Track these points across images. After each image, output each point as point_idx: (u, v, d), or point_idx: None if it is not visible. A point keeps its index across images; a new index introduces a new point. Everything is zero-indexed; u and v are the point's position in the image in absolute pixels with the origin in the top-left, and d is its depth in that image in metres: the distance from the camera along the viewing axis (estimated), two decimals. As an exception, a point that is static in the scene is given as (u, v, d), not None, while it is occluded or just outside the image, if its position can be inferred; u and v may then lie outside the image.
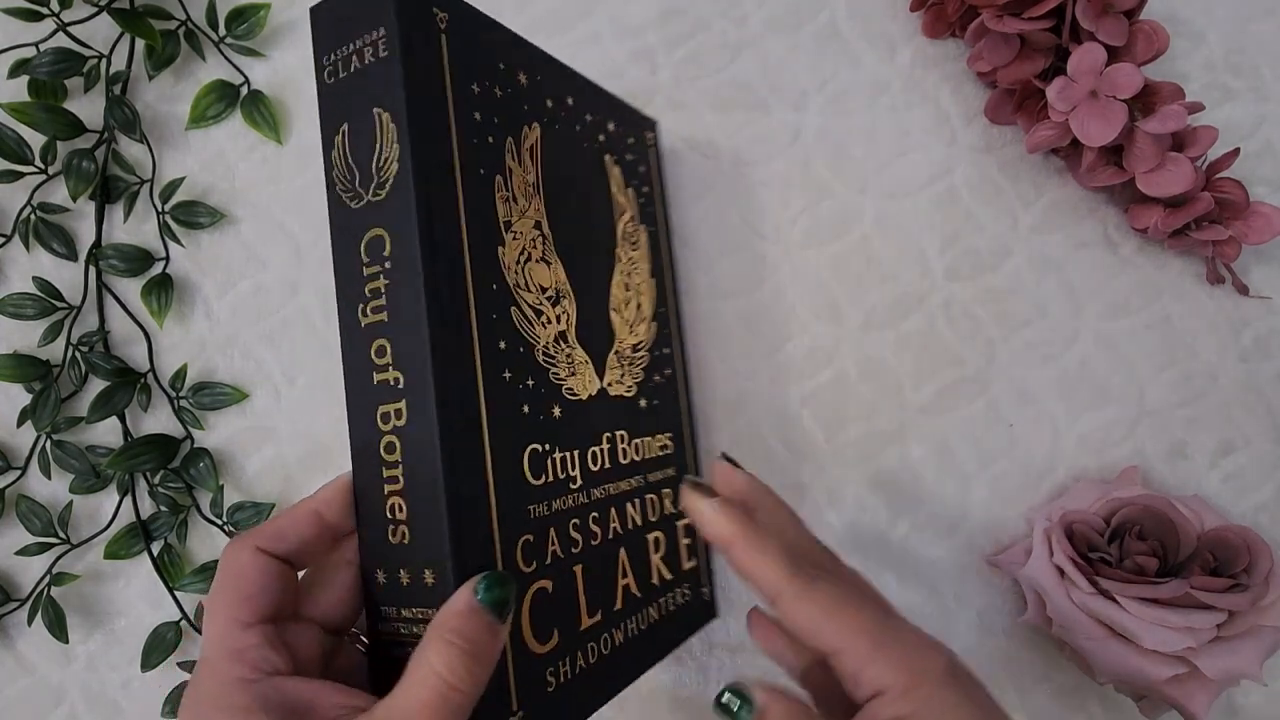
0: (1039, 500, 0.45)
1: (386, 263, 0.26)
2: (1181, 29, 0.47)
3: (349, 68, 0.27)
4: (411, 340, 0.26)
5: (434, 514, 0.25)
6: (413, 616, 0.26)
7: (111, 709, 0.44)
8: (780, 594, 0.25)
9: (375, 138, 0.26)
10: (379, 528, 0.26)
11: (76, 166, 0.43)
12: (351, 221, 0.27)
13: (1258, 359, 0.46)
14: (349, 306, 0.27)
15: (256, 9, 0.45)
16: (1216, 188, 0.43)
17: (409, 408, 0.26)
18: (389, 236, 0.26)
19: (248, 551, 0.26)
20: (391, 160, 0.26)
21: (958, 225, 0.46)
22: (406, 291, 0.26)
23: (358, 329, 0.27)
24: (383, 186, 0.26)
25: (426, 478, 0.26)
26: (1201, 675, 0.37)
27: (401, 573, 0.26)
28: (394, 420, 0.26)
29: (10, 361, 0.42)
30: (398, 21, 0.26)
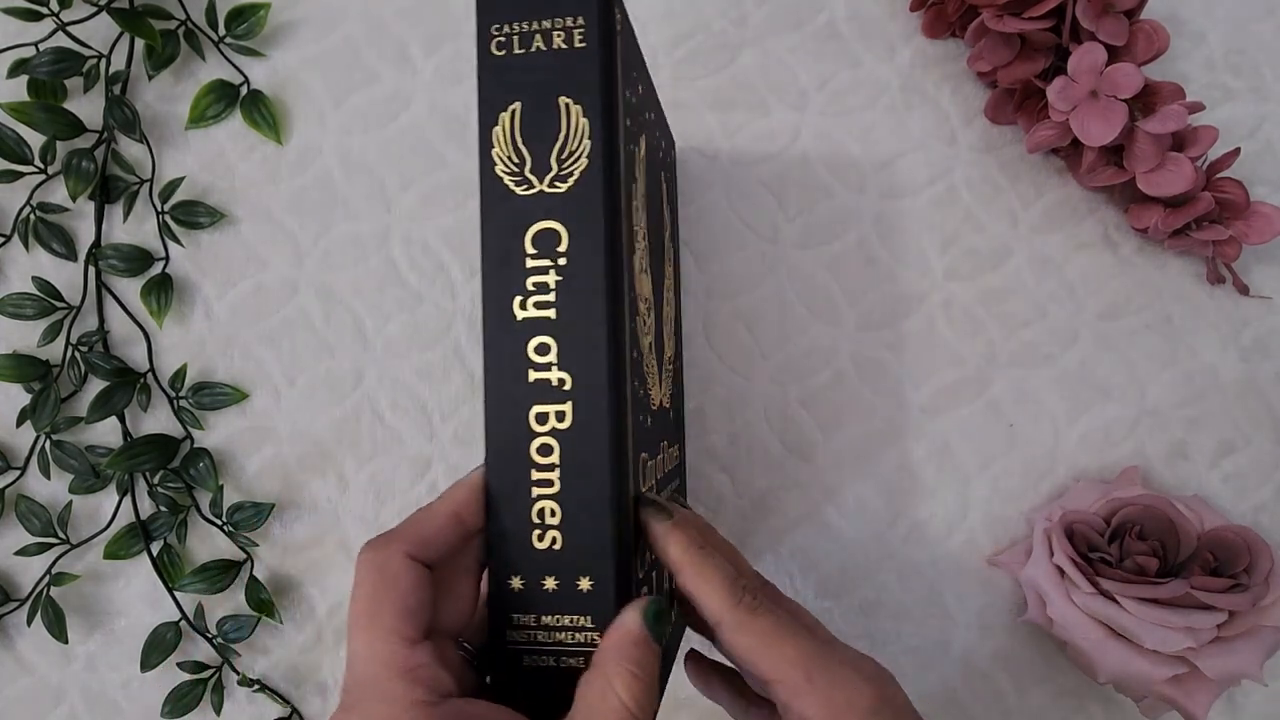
0: (1039, 500, 0.45)
1: (560, 259, 0.25)
2: (1182, 29, 0.47)
3: (528, 45, 0.26)
4: (585, 341, 0.25)
5: (597, 521, 0.25)
6: (555, 624, 0.26)
7: (111, 709, 0.44)
8: (721, 622, 0.25)
9: (560, 127, 0.25)
10: (521, 532, 0.25)
11: (76, 166, 0.43)
12: (516, 207, 0.26)
13: (1258, 359, 0.45)
14: (502, 296, 0.26)
15: (256, 9, 0.45)
16: (1217, 188, 0.43)
17: (575, 410, 0.25)
18: (566, 232, 0.25)
19: (399, 558, 0.25)
20: (580, 155, 0.25)
21: (958, 225, 0.46)
22: (585, 291, 0.25)
23: (511, 321, 0.26)
24: (564, 179, 0.25)
25: (590, 483, 0.25)
26: (1202, 675, 0.37)
27: (547, 579, 0.25)
28: (553, 422, 0.25)
29: (10, 361, 0.42)
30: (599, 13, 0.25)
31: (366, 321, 0.45)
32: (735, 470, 0.45)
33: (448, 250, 0.45)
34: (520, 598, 0.26)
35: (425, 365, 0.45)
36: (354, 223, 0.45)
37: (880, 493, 0.45)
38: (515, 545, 0.26)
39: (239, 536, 0.43)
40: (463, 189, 0.46)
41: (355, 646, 0.24)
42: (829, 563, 0.44)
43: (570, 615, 0.25)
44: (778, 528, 0.44)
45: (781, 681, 0.24)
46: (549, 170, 0.26)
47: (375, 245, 0.45)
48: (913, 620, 0.44)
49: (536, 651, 0.26)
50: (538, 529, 0.25)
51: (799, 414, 0.45)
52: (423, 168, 0.46)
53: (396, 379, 0.45)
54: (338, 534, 0.44)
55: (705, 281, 0.45)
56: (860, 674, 0.25)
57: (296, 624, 0.44)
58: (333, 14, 0.46)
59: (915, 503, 0.45)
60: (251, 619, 0.42)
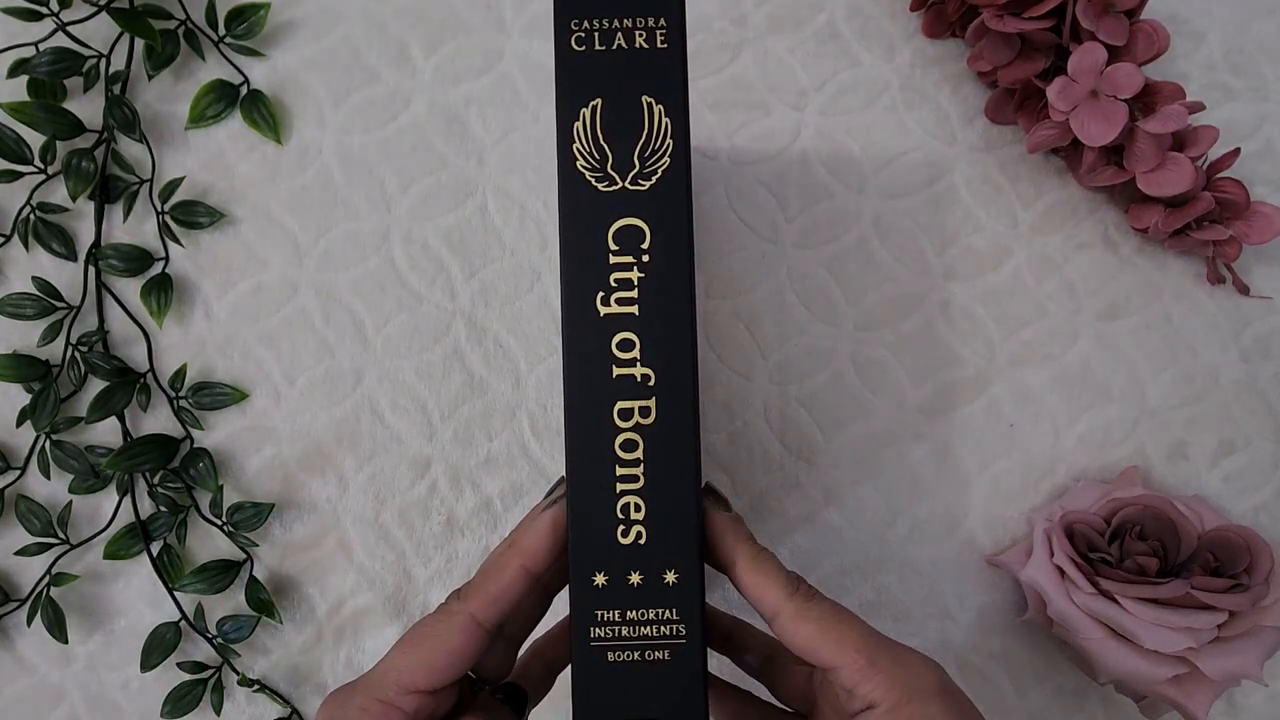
0: (1039, 500, 0.45)
1: (644, 256, 0.26)
2: (1182, 29, 0.47)
3: (609, 43, 0.26)
4: (668, 337, 0.26)
5: (682, 514, 0.26)
6: (639, 619, 0.26)
7: (111, 709, 0.44)
8: (781, 611, 0.26)
9: (643, 126, 0.26)
10: (605, 528, 0.26)
11: (76, 166, 0.43)
12: (597, 204, 0.26)
13: (1258, 359, 0.45)
14: (584, 292, 0.26)
15: (256, 9, 0.45)
16: (1217, 187, 0.43)
17: (659, 405, 0.26)
18: (649, 229, 0.26)
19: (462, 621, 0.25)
20: (663, 154, 0.26)
21: (958, 225, 0.46)
22: (667, 289, 0.26)
23: (594, 317, 0.26)
24: (646, 178, 0.26)
25: (675, 477, 0.26)
26: (1202, 675, 0.37)
27: (632, 575, 0.26)
28: (637, 417, 0.26)
29: (9, 361, 0.42)
30: (679, 14, 0.26)
31: (366, 321, 0.45)
32: (735, 470, 0.45)
33: (448, 250, 0.45)
34: (605, 594, 0.26)
35: (425, 365, 0.45)
36: (354, 223, 0.45)
37: (880, 493, 0.45)
38: (599, 542, 0.26)
39: (239, 536, 0.43)
40: (463, 189, 0.46)
41: (391, 664, 0.25)
42: (829, 563, 0.44)
43: (655, 609, 0.26)
44: (777, 528, 0.44)
45: (846, 666, 0.25)
46: (632, 168, 0.26)
47: (375, 245, 0.45)
48: (913, 620, 0.44)
49: (622, 648, 0.26)
50: (622, 524, 0.26)
51: (799, 414, 0.45)
52: (423, 168, 0.46)
53: (396, 379, 0.45)
54: (338, 534, 0.44)
55: (704, 281, 0.46)
56: (920, 658, 0.25)
57: (296, 624, 0.44)
58: (333, 14, 0.46)
59: (915, 503, 0.45)
60: (251, 619, 0.42)
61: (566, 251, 0.26)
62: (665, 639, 0.26)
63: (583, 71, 0.26)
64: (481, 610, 0.25)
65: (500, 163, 0.46)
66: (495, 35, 0.47)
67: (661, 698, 0.26)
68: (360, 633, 0.44)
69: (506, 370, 0.45)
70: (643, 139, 0.26)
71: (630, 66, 0.26)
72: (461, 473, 0.44)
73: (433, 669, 0.24)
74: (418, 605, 0.44)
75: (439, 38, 0.46)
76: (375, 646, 0.44)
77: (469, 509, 0.44)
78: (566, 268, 0.26)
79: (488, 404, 0.45)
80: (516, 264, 0.45)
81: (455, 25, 0.47)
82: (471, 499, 0.44)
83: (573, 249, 0.26)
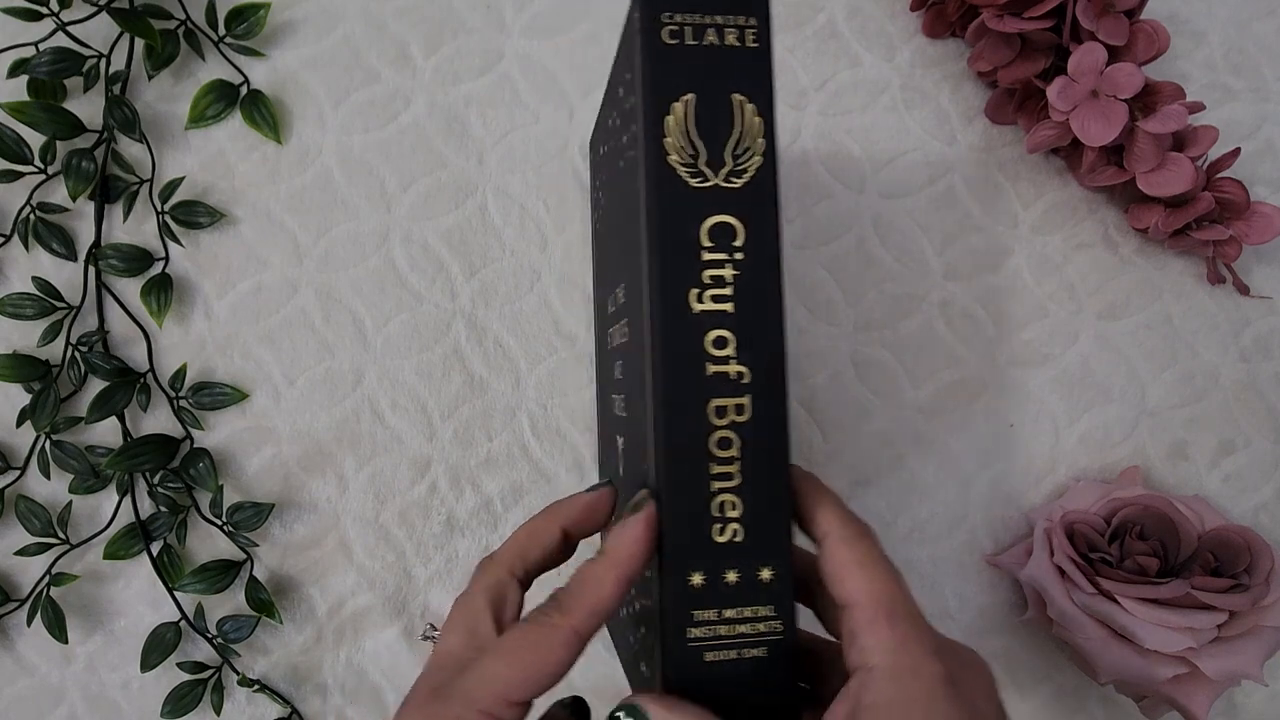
0: (1039, 500, 0.45)
1: (737, 253, 0.26)
2: (1182, 29, 0.47)
3: (701, 38, 0.26)
4: (764, 335, 0.26)
5: (776, 510, 0.26)
6: (737, 617, 0.26)
7: (111, 709, 0.44)
8: (829, 534, 0.25)
9: (734, 123, 0.26)
10: (702, 527, 0.25)
11: (76, 166, 0.43)
12: (690, 199, 0.26)
13: (1258, 359, 0.45)
14: (678, 289, 0.26)
15: (256, 9, 0.45)
16: (1217, 187, 0.43)
17: (755, 403, 0.26)
18: (742, 227, 0.26)
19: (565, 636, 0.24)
20: (754, 153, 0.26)
21: (957, 225, 0.46)
22: (761, 286, 0.26)
23: (688, 314, 0.26)
24: (739, 175, 0.26)
25: (770, 474, 0.26)
26: (1202, 675, 0.37)
27: (729, 573, 0.26)
28: (732, 415, 0.26)
29: (10, 361, 0.42)
30: (766, 15, 0.26)
31: (366, 321, 0.45)
32: (735, 470, 0.45)
33: (448, 250, 0.45)
34: (702, 594, 0.26)
35: (425, 365, 0.45)
36: (354, 223, 0.45)
37: (880, 493, 0.45)
38: (695, 541, 0.25)
39: (239, 536, 0.43)
40: (463, 189, 0.46)
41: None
42: (829, 563, 0.44)
43: (752, 607, 0.26)
44: (778, 528, 0.44)
45: (860, 608, 0.23)
46: (724, 165, 0.26)
47: (375, 245, 0.45)
48: (913, 620, 0.44)
49: (720, 647, 0.26)
50: (718, 523, 0.25)
51: (798, 414, 0.45)
52: (423, 168, 0.46)
53: (396, 379, 0.45)
54: (338, 534, 0.44)
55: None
56: (948, 643, 0.24)
57: (296, 624, 0.44)
58: (333, 14, 0.46)
59: (915, 503, 0.45)
60: (251, 619, 0.42)
61: (656, 246, 0.26)
62: (762, 636, 0.26)
63: (675, 65, 0.26)
64: (583, 624, 0.24)
65: (500, 163, 0.46)
66: (495, 35, 0.47)
67: (757, 696, 0.26)
68: (360, 633, 0.44)
69: (506, 370, 0.45)
70: (735, 136, 0.26)
71: (722, 63, 0.26)
72: (461, 473, 0.44)
73: (534, 681, 0.24)
74: (418, 605, 0.44)
75: (439, 38, 0.46)
76: (375, 647, 0.44)
77: (469, 509, 0.44)
78: (657, 262, 0.26)
79: (488, 404, 0.45)
80: (516, 264, 0.45)
81: (455, 25, 0.47)
82: (471, 499, 0.44)
83: (664, 244, 0.26)
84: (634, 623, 0.31)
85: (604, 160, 0.36)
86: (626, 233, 0.30)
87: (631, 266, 0.29)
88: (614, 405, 0.35)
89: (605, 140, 0.35)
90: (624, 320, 0.31)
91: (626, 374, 0.31)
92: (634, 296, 0.29)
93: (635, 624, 0.30)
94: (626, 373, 0.31)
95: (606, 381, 0.37)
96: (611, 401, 0.35)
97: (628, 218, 0.29)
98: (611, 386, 0.35)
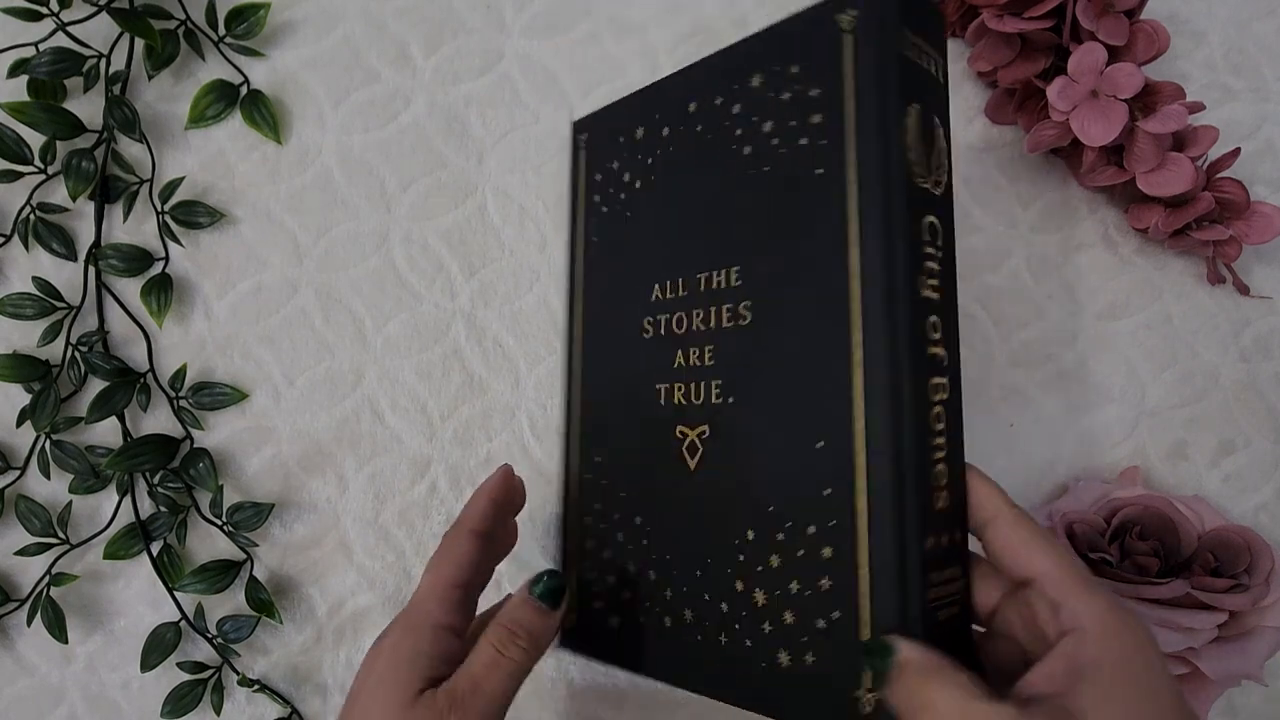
0: (1039, 500, 0.45)
1: (940, 251, 0.29)
2: (1182, 29, 0.47)
3: (924, 62, 0.29)
4: (952, 322, 0.29)
5: (960, 480, 0.29)
6: (949, 577, 0.28)
7: (111, 709, 0.44)
8: (999, 515, 0.27)
9: (935, 137, 0.29)
10: (926, 495, 0.27)
11: (76, 166, 0.43)
12: (917, 197, 0.28)
13: (1258, 359, 0.45)
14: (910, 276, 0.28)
15: (256, 8, 0.45)
16: (1217, 187, 0.43)
17: (951, 383, 0.29)
18: (940, 227, 0.29)
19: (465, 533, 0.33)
20: (945, 166, 0.30)
21: (957, 225, 0.46)
22: (950, 279, 0.29)
23: (916, 300, 0.28)
24: (939, 183, 0.29)
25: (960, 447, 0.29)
26: (1202, 675, 0.37)
27: (944, 537, 0.28)
28: (940, 393, 0.28)
29: (10, 361, 0.42)
30: (946, 55, 0.31)
31: (366, 321, 0.45)
32: (735, 470, 0.45)
33: (448, 250, 0.45)
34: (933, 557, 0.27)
35: (425, 365, 0.45)
36: (354, 223, 0.45)
37: (880, 493, 0.45)
38: (923, 509, 0.27)
39: (239, 536, 0.43)
40: (463, 189, 0.46)
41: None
42: (829, 563, 0.44)
43: (954, 567, 0.28)
44: (778, 528, 0.44)
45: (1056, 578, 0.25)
46: (932, 172, 0.29)
47: (375, 245, 0.45)
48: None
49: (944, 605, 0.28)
50: (936, 490, 0.28)
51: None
52: (423, 168, 0.46)
53: (396, 379, 0.45)
54: (338, 534, 0.44)
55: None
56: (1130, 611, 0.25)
57: (296, 624, 0.44)
58: (333, 14, 0.46)
59: (915, 503, 0.45)
60: (251, 619, 0.42)
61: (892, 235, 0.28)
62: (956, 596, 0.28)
63: (911, 79, 0.29)
64: (475, 524, 0.33)
65: (500, 163, 0.46)
66: (495, 35, 0.47)
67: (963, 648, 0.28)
68: (360, 633, 0.44)
69: (506, 370, 0.45)
70: (937, 150, 0.29)
71: (931, 88, 0.30)
72: (461, 473, 0.44)
73: (454, 572, 0.32)
74: (418, 605, 0.44)
75: (439, 38, 0.46)
76: (375, 646, 0.44)
77: (469, 509, 0.44)
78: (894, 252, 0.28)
79: (487, 404, 0.45)
80: (516, 264, 0.45)
81: (455, 25, 0.47)
82: (471, 499, 0.44)
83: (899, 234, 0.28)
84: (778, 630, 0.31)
85: (668, 141, 0.36)
86: (756, 212, 0.32)
87: (774, 249, 0.31)
88: (659, 395, 0.35)
89: (676, 122, 0.36)
90: (740, 302, 0.32)
91: (729, 357, 0.33)
92: (785, 279, 0.31)
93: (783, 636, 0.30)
94: (730, 356, 0.33)
95: (646, 371, 0.36)
96: (656, 392, 0.35)
97: (755, 198, 0.32)
98: (659, 375, 0.35)
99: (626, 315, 0.37)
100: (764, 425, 0.31)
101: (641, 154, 0.37)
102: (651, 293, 0.36)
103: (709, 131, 0.34)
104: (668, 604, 0.33)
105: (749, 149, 0.33)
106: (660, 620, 0.34)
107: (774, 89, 0.32)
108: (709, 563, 0.32)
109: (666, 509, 0.34)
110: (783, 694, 0.29)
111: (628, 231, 0.37)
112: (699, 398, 0.33)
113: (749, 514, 0.31)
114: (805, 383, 0.30)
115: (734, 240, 0.33)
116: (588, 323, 0.39)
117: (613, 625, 0.35)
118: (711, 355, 0.33)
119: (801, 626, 0.29)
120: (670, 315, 0.35)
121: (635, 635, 0.34)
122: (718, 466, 0.32)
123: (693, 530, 0.33)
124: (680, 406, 0.34)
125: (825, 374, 0.29)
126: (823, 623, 0.29)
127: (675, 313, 0.35)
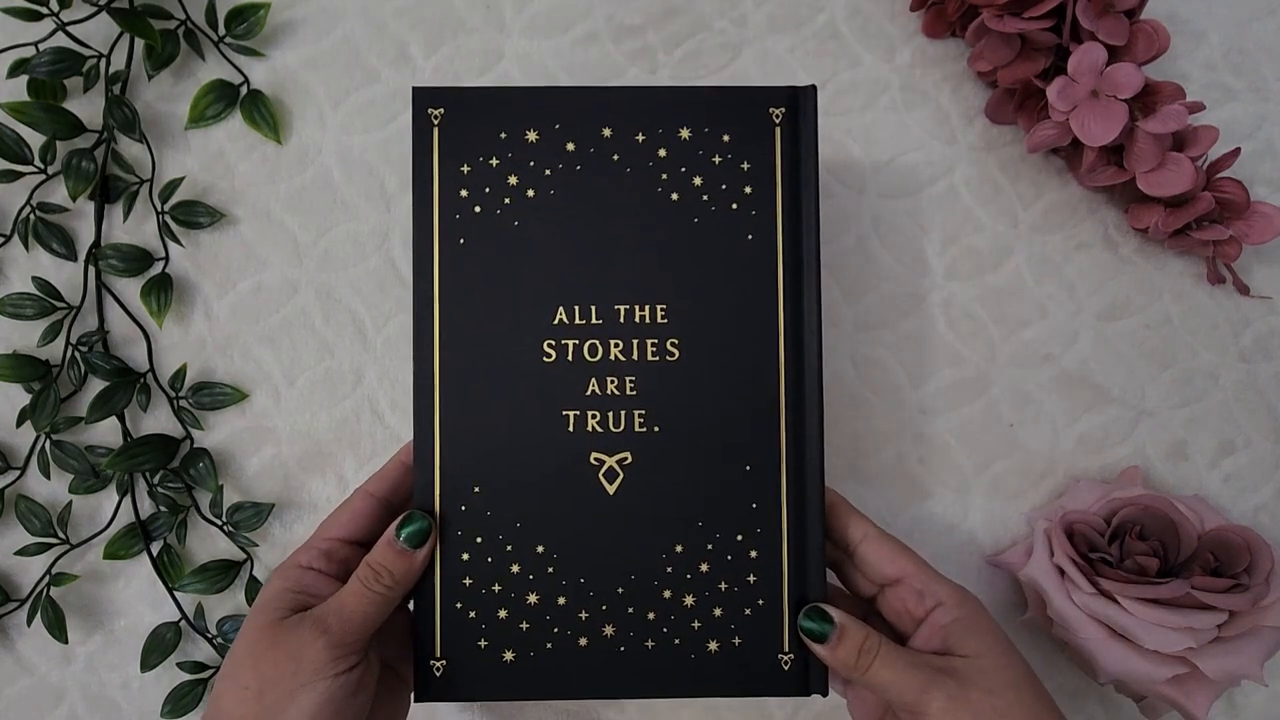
0: (1039, 500, 0.45)
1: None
2: (1182, 28, 0.47)
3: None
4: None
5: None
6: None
7: (111, 709, 0.44)
8: (868, 535, 0.35)
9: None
10: (820, 500, 0.36)
11: (76, 166, 0.43)
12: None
13: (1258, 359, 0.45)
14: (817, 329, 0.35)
15: (256, 9, 0.45)
16: (1217, 187, 0.43)
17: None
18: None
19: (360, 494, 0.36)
20: None
21: (957, 225, 0.46)
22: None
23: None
24: None
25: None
26: (1202, 676, 0.37)
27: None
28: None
29: (10, 361, 0.42)
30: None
31: (366, 321, 0.45)
32: (735, 470, 0.45)
33: (448, 250, 0.45)
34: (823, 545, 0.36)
35: (425, 365, 0.45)
36: (354, 223, 0.45)
37: (880, 493, 0.45)
38: (820, 509, 0.35)
39: (239, 536, 0.43)
40: (463, 189, 0.46)
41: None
42: (829, 563, 0.44)
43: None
44: (778, 528, 0.44)
45: (916, 574, 0.34)
46: None
47: (375, 245, 0.45)
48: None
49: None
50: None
51: (799, 414, 0.45)
52: (423, 168, 0.46)
53: (396, 379, 0.45)
54: (338, 534, 0.44)
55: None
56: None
57: (296, 624, 0.44)
58: (333, 14, 0.46)
59: (915, 503, 0.45)
60: (251, 619, 0.42)
61: (808, 296, 0.35)
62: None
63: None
64: (374, 487, 0.36)
65: (500, 163, 0.46)
66: (495, 35, 0.47)
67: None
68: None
69: (506, 370, 0.45)
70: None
71: None
72: (461, 473, 0.44)
73: (341, 524, 0.35)
74: (418, 605, 0.44)
75: (439, 38, 0.46)
76: (375, 646, 0.44)
77: (469, 509, 0.44)
78: (806, 307, 0.35)
79: (488, 404, 0.45)
80: (516, 264, 0.45)
81: (455, 25, 0.47)
82: (471, 499, 0.44)
83: (812, 296, 0.36)
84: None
85: (574, 158, 0.35)
86: (684, 258, 0.35)
87: (705, 295, 0.35)
88: (566, 422, 0.35)
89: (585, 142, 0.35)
90: (668, 339, 0.35)
91: (654, 390, 0.35)
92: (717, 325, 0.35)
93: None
94: (655, 388, 0.35)
95: (551, 396, 0.35)
96: (564, 419, 0.35)
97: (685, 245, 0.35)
98: (567, 402, 0.35)
99: (517, 335, 0.35)
100: (692, 453, 0.34)
101: (535, 161, 0.35)
102: (554, 315, 0.35)
103: (628, 166, 0.35)
104: (582, 625, 0.34)
105: (676, 195, 0.35)
106: (574, 642, 0.34)
107: (704, 149, 0.35)
108: (633, 579, 0.34)
109: (580, 533, 0.34)
110: (716, 674, 0.34)
111: (514, 241, 0.35)
112: (619, 425, 0.35)
113: (678, 530, 0.34)
114: (734, 416, 0.34)
115: (658, 278, 0.35)
116: (453, 337, 0.35)
117: (506, 660, 0.34)
118: (634, 386, 0.35)
119: (729, 617, 0.34)
120: (580, 341, 0.35)
121: (538, 663, 0.34)
122: (642, 491, 0.34)
123: (613, 550, 0.34)
124: (595, 434, 0.34)
125: (753, 409, 0.34)
126: (749, 610, 0.34)
127: (587, 340, 0.35)
